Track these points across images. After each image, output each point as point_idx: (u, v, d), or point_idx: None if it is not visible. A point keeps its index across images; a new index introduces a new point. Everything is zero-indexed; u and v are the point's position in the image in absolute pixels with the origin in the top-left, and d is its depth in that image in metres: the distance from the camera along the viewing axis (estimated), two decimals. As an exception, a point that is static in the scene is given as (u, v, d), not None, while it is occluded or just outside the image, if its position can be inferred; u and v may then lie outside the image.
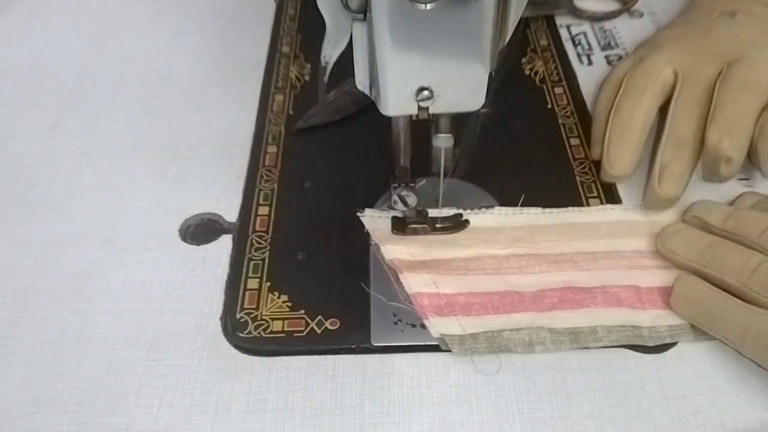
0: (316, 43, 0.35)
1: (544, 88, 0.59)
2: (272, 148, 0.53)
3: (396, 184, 0.42)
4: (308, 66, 0.61)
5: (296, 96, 0.58)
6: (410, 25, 0.32)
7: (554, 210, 0.48)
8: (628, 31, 0.64)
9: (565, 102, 0.57)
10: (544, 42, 0.64)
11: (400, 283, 0.44)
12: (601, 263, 0.45)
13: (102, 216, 0.49)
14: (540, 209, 0.48)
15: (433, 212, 0.46)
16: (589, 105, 0.56)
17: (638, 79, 0.50)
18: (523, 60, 0.62)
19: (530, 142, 0.54)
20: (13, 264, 0.46)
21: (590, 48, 0.63)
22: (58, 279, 0.45)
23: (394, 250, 0.45)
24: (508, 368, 0.40)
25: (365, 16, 0.33)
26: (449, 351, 0.40)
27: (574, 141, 0.53)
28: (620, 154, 0.48)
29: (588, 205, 0.49)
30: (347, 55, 0.35)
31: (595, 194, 0.49)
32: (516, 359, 0.40)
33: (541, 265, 0.45)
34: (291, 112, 0.57)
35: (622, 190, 0.49)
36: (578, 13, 0.66)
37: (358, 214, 0.47)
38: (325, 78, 0.36)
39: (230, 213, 0.49)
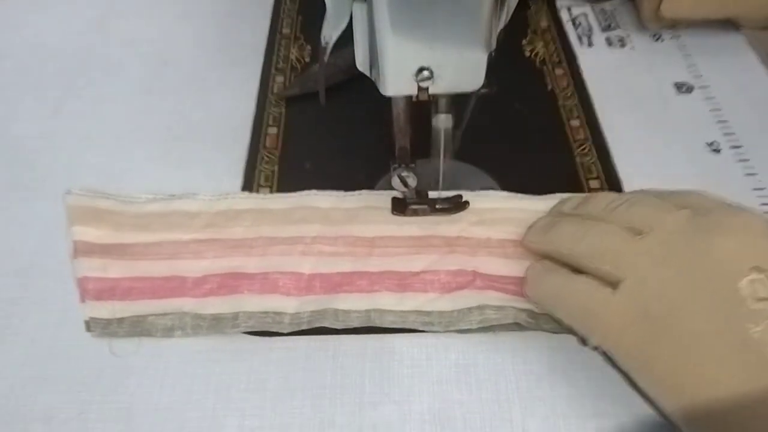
0: (316, 24, 0.35)
1: (545, 69, 0.59)
2: (273, 130, 0.53)
3: (396, 165, 0.42)
4: (309, 47, 0.61)
5: (297, 77, 0.58)
6: (410, 5, 0.32)
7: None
8: (628, 12, 0.64)
9: (566, 84, 0.57)
10: (544, 23, 0.63)
11: None
12: (277, 249, 0.44)
13: (103, 198, 0.49)
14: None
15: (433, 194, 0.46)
16: (590, 87, 0.56)
17: None
18: (524, 41, 0.62)
19: (530, 124, 0.54)
20: (14, 245, 0.46)
21: (591, 29, 0.63)
22: (59, 260, 0.45)
23: (81, 231, 0.45)
24: (506, 348, 0.40)
25: (365, -4, 0.33)
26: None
27: (575, 123, 0.53)
28: None
29: (588, 187, 0.49)
30: (348, 35, 0.35)
31: (595, 175, 0.49)
32: (516, 340, 0.41)
33: (217, 250, 0.44)
34: (291, 94, 0.56)
35: (622, 170, 0.49)
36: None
37: (65, 194, 0.46)
38: (325, 58, 0.36)
39: (231, 195, 0.49)
